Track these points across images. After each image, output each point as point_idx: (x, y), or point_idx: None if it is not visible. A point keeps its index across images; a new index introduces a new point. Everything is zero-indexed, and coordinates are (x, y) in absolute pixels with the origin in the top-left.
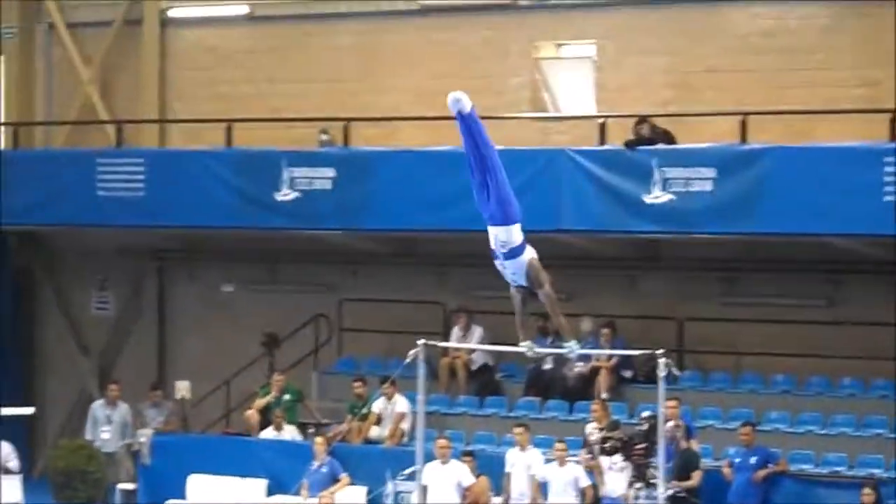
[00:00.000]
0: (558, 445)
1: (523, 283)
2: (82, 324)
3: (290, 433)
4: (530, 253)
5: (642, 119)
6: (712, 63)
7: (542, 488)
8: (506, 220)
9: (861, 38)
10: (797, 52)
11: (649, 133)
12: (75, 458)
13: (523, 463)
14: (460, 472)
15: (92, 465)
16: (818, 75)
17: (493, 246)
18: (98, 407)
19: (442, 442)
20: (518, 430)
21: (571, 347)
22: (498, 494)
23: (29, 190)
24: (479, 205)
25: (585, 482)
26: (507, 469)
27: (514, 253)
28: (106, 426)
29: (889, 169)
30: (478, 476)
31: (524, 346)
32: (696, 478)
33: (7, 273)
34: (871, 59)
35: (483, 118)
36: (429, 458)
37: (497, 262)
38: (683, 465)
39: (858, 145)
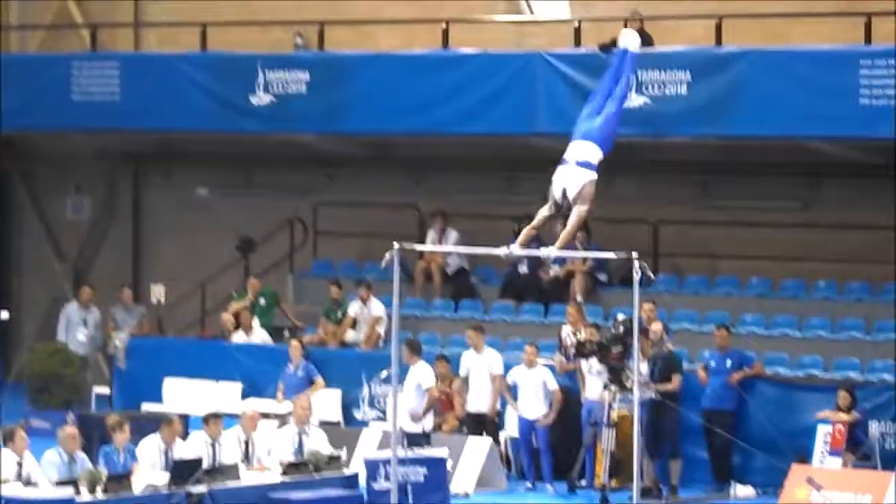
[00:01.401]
0: (528, 348)
1: (572, 193)
2: (57, 228)
3: (259, 336)
4: (595, 176)
5: (633, 17)
6: None
7: (512, 391)
8: (599, 142)
9: None
10: None
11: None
12: (51, 363)
13: (481, 365)
14: (423, 374)
15: (68, 368)
16: None
17: (567, 156)
18: (72, 310)
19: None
20: (470, 332)
21: (549, 251)
22: None
23: (3, 95)
24: (581, 121)
25: (553, 385)
26: (463, 373)
27: (587, 164)
28: (81, 328)
29: (864, 72)
30: (452, 379)
31: (502, 249)
32: (675, 381)
33: None
34: None
35: (459, 21)
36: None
37: (561, 168)
38: (664, 369)
39: (834, 48)
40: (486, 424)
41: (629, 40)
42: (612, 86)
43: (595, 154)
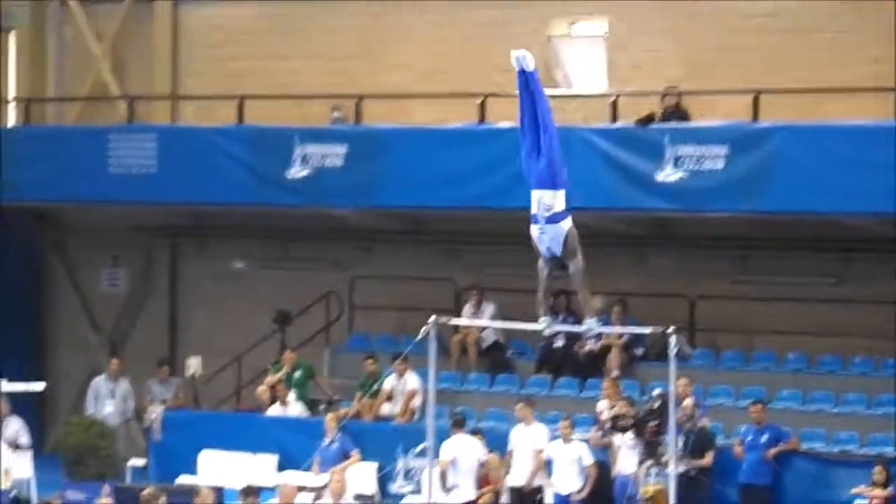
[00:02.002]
0: (563, 423)
1: (557, 251)
2: (93, 300)
3: (296, 409)
4: (570, 222)
5: (671, 91)
6: (723, 41)
7: (547, 466)
8: (554, 184)
9: (869, 16)
10: (806, 32)
11: (673, 106)
12: (87, 435)
13: (528, 439)
14: (477, 448)
15: (104, 441)
16: (827, 54)
17: (534, 210)
18: (100, 382)
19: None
20: (520, 405)
21: (591, 325)
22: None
23: (41, 166)
24: (526, 167)
25: (589, 460)
26: (510, 447)
27: (556, 218)
28: (108, 400)
29: None
30: (489, 453)
31: (541, 323)
32: (708, 457)
33: (18, 250)
34: (880, 37)
35: (493, 96)
36: (440, 434)
37: (534, 228)
38: (697, 443)
39: (868, 123)
40: (529, 499)
41: (519, 60)
42: (533, 112)
43: (558, 199)
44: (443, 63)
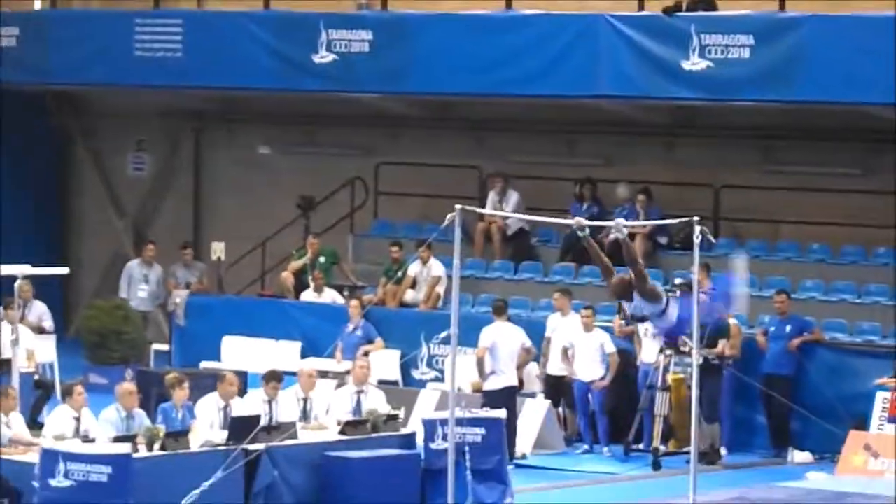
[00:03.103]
0: (585, 311)
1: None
2: (118, 185)
3: (329, 296)
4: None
5: None
6: None
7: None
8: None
9: None
10: None
11: None
12: (111, 319)
13: (564, 328)
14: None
15: (128, 325)
16: None
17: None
18: (134, 266)
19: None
20: (557, 295)
21: (619, 221)
22: (536, 359)
23: (67, 50)
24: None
25: (611, 348)
26: (548, 333)
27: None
28: (143, 285)
29: None
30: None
31: (573, 221)
32: (721, 347)
33: (45, 133)
34: None
35: None
36: (463, 322)
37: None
38: (712, 332)
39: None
40: (564, 387)
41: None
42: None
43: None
44: None
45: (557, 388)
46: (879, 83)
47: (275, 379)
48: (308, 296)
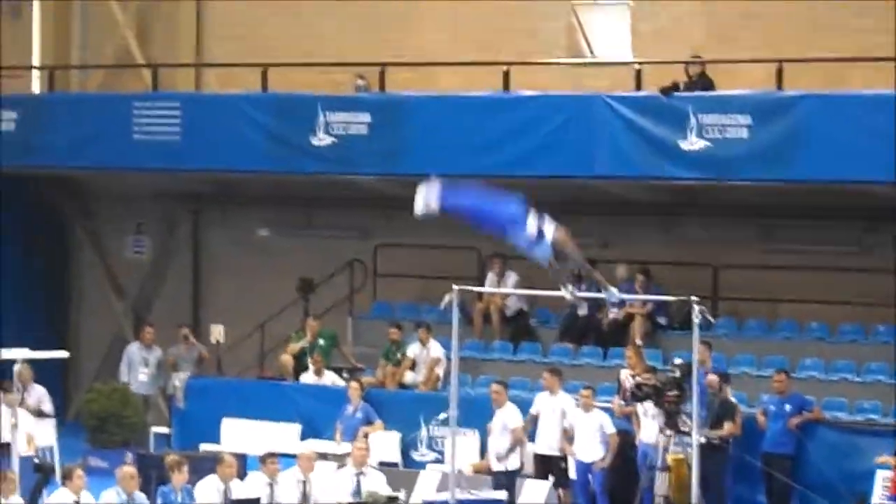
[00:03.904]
0: (584, 391)
1: (551, 253)
2: (117, 268)
3: (329, 378)
4: (551, 230)
5: (695, 60)
6: (747, 9)
7: (569, 434)
8: (517, 227)
9: None
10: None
11: (697, 75)
12: (110, 402)
13: (553, 408)
14: (508, 415)
15: (127, 409)
16: (852, 22)
17: (517, 242)
18: (134, 349)
19: (496, 387)
20: (547, 374)
21: (612, 292)
22: (532, 439)
23: (64, 134)
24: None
25: (610, 429)
26: (533, 411)
27: (535, 243)
28: (143, 369)
29: None
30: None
31: (565, 292)
32: (727, 428)
33: (43, 217)
34: None
35: (518, 63)
36: (463, 403)
37: (525, 250)
38: (719, 413)
39: (894, 92)
40: (554, 467)
41: (425, 207)
42: (477, 217)
43: (528, 229)
44: (468, 30)
45: (547, 468)
46: (878, 161)
47: (272, 461)
48: (307, 378)
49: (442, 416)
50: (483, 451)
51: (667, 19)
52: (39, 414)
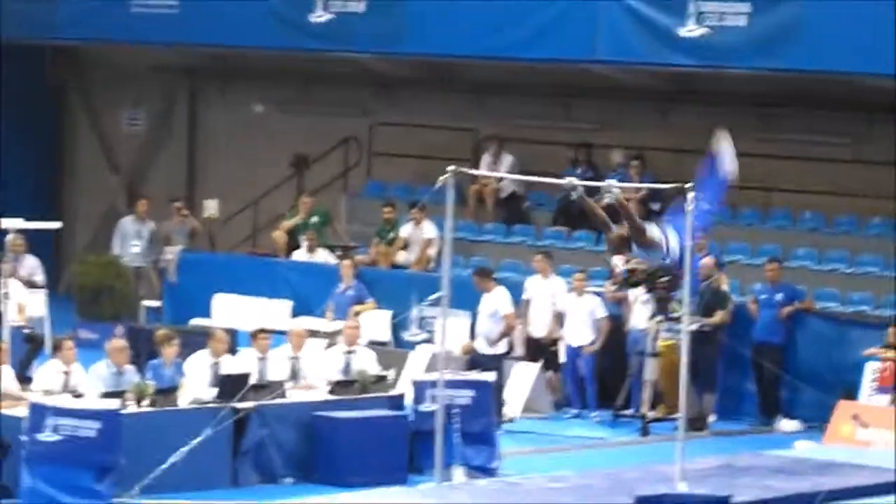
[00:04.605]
0: (577, 276)
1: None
2: (113, 141)
3: (321, 256)
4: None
5: None
6: None
7: (560, 318)
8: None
9: None
10: None
11: None
12: (103, 274)
13: (545, 292)
14: (499, 300)
15: (120, 281)
16: None
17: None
18: (128, 222)
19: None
20: (539, 257)
21: (611, 183)
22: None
23: (62, 6)
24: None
25: (601, 313)
26: (525, 296)
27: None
28: (135, 241)
29: None
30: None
31: (565, 181)
32: (719, 316)
33: (41, 88)
34: None
35: None
36: (455, 284)
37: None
38: (710, 301)
39: None
40: (545, 350)
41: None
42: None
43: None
44: None
45: (539, 351)
46: (877, 53)
47: (263, 334)
48: (300, 255)
49: (433, 296)
50: (473, 332)
51: None
52: (31, 284)
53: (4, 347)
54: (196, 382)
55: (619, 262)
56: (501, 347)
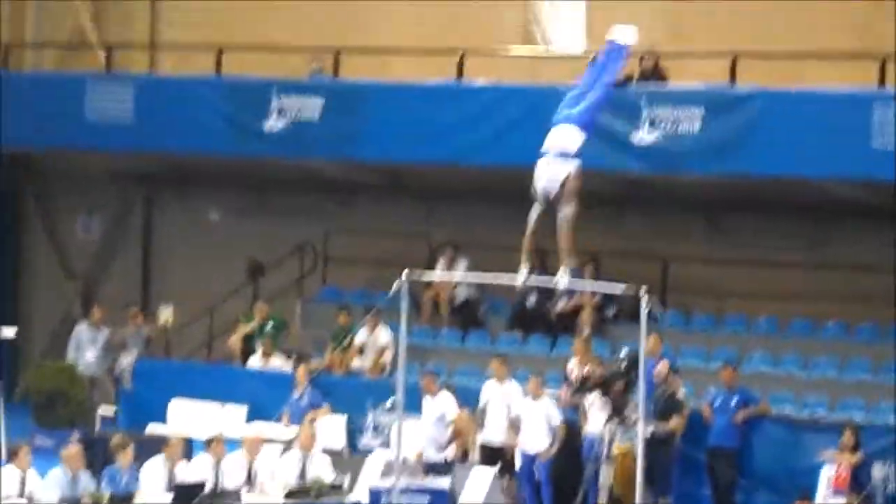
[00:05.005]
0: (532, 380)
1: (553, 190)
2: (68, 247)
3: (276, 362)
4: (577, 167)
5: (649, 54)
6: (702, 6)
7: (515, 423)
8: (582, 125)
9: None
10: None
11: (651, 68)
12: (57, 381)
13: (501, 396)
14: (446, 405)
15: (75, 387)
16: (808, 18)
17: (547, 146)
18: (83, 330)
19: (427, 377)
20: (495, 361)
21: (562, 278)
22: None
23: (18, 112)
24: (562, 106)
25: (556, 420)
26: (482, 402)
27: (566, 156)
28: (91, 348)
29: (876, 115)
30: (460, 409)
31: (519, 274)
32: (674, 422)
33: None
34: (859, 3)
35: (471, 54)
36: (409, 390)
37: (542, 161)
38: (666, 407)
39: (847, 90)
40: (502, 456)
41: (623, 34)
42: (598, 76)
43: (576, 139)
44: (422, 19)
45: (494, 456)
46: (828, 157)
47: (217, 441)
48: (255, 361)
49: (388, 402)
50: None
51: (622, 12)
52: None
53: None
54: (152, 489)
55: (574, 368)
56: (450, 452)
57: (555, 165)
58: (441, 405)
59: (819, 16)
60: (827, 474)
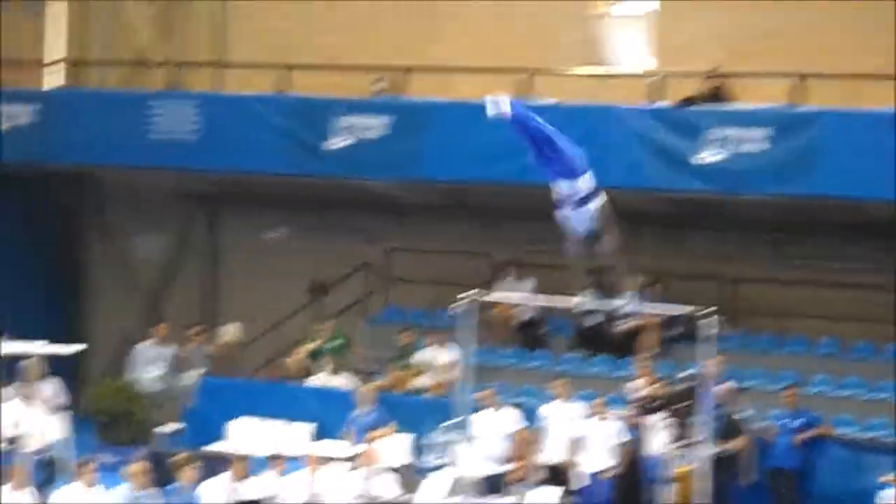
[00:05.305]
0: (597, 401)
1: (590, 227)
2: (132, 265)
3: (341, 380)
4: (601, 199)
5: (713, 75)
6: (767, 28)
7: (578, 444)
8: (574, 174)
9: None
10: (850, 19)
11: (714, 89)
12: (118, 399)
13: (563, 416)
14: (509, 419)
15: (134, 406)
16: (870, 40)
17: (559, 197)
18: (146, 347)
19: (486, 392)
20: (559, 381)
21: (624, 302)
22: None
23: (83, 130)
24: (541, 170)
25: (620, 439)
26: (541, 423)
27: (584, 201)
28: (154, 366)
29: None
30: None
31: (577, 300)
32: (735, 443)
33: (58, 213)
34: None
35: (538, 72)
36: (473, 409)
37: (561, 213)
38: (728, 429)
39: None
40: (561, 475)
41: (495, 108)
42: (535, 139)
43: (583, 184)
44: (487, 38)
45: (554, 476)
46: (892, 179)
47: (278, 459)
48: (320, 379)
49: (451, 421)
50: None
51: (687, 33)
52: (53, 407)
53: (25, 471)
54: None
55: (638, 388)
56: (509, 468)
57: (579, 212)
58: (503, 419)
59: (881, 36)
60: (886, 497)
